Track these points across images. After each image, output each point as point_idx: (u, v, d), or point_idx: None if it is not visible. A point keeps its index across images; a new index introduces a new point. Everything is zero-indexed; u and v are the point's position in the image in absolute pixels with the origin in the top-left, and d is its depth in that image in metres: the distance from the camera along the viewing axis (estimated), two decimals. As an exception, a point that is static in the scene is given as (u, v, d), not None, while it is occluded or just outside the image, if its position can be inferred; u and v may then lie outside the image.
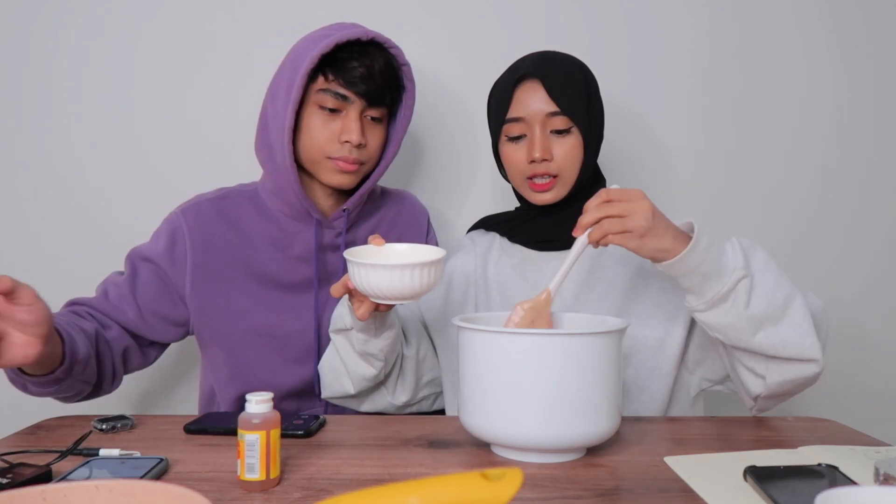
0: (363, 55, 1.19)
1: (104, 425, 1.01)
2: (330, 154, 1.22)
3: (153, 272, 1.25)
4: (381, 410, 1.25)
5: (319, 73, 1.20)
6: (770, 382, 1.04)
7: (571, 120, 1.16)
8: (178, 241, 1.26)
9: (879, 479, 0.75)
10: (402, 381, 1.23)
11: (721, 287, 0.98)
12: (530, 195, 1.21)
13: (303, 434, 0.97)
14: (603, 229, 0.96)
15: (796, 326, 1.00)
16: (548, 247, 1.25)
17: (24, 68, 1.58)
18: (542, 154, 1.16)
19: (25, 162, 1.59)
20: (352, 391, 1.19)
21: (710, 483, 0.81)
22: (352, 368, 1.16)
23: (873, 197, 1.65)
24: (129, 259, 1.28)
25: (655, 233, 0.96)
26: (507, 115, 1.19)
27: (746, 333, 1.00)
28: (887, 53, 1.63)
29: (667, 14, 1.61)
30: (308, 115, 1.22)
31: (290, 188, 1.24)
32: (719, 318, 1.00)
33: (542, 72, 1.17)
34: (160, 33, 1.58)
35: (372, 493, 0.54)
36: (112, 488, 0.58)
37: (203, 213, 1.29)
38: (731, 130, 1.63)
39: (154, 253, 1.26)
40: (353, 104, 1.21)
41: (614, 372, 0.91)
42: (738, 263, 0.99)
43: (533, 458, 0.90)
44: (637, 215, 0.96)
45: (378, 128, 1.26)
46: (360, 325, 1.09)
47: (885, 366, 1.66)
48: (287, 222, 1.29)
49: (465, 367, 0.94)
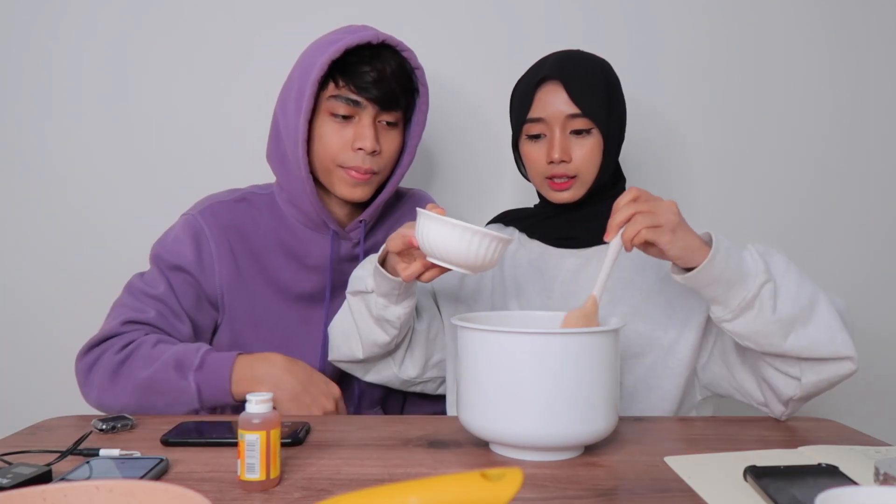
0: (374, 58, 1.16)
1: (104, 425, 1.01)
2: (343, 163, 1.19)
3: (186, 282, 1.21)
4: (385, 382, 1.25)
5: (330, 80, 1.17)
6: (805, 383, 1.03)
7: (592, 121, 1.17)
8: (203, 246, 1.22)
9: (879, 479, 0.75)
10: (410, 354, 1.23)
11: (746, 293, 0.97)
12: (549, 193, 1.21)
13: (290, 442, 0.95)
14: (637, 225, 0.95)
15: (826, 325, 0.99)
16: (565, 244, 1.25)
17: (22, 67, 1.58)
18: (561, 155, 1.16)
19: (24, 162, 1.59)
20: (360, 356, 1.18)
21: (710, 483, 0.81)
22: (364, 332, 1.16)
23: (873, 197, 1.65)
24: (158, 269, 1.21)
25: (683, 229, 0.96)
26: (528, 115, 1.19)
27: (777, 338, 0.99)
28: (887, 53, 1.63)
29: (666, 14, 1.61)
30: (320, 123, 1.19)
31: (305, 199, 1.22)
32: (748, 325, 0.99)
33: (564, 73, 1.17)
34: (159, 33, 1.58)
35: (372, 493, 0.54)
36: (112, 488, 0.58)
37: (221, 216, 1.25)
38: (730, 130, 1.63)
39: (184, 260, 1.21)
40: (366, 110, 1.18)
41: (612, 370, 0.91)
42: (759, 268, 0.98)
43: (531, 457, 0.90)
44: (666, 210, 0.96)
45: (393, 133, 1.23)
46: (382, 290, 1.09)
47: (884, 366, 1.66)
48: (303, 231, 1.27)
49: (463, 366, 0.94)
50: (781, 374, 1.05)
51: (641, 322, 1.19)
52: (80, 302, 1.58)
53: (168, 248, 1.22)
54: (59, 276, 1.59)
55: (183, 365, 1.12)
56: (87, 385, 1.16)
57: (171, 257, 1.21)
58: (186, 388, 1.11)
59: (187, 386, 1.11)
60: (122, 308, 1.19)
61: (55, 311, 1.59)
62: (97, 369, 1.15)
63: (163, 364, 1.11)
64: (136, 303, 1.19)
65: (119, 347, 1.14)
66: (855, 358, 1.00)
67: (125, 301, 1.21)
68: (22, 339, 1.60)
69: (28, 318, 1.60)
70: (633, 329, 1.19)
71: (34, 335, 1.60)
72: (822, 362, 1.01)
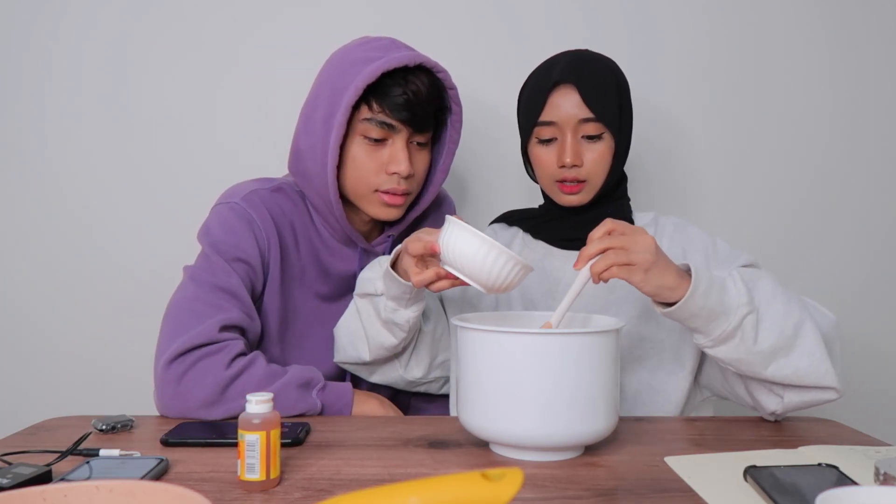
0: (409, 80, 1.13)
1: (104, 425, 1.01)
2: (378, 187, 1.17)
3: (248, 274, 1.16)
4: (390, 383, 1.25)
5: (362, 102, 1.14)
6: (787, 402, 1.04)
7: (604, 126, 1.16)
8: (258, 236, 1.17)
9: (879, 479, 0.75)
10: (416, 356, 1.23)
11: (727, 325, 0.96)
12: (558, 196, 1.21)
13: (290, 443, 0.95)
14: (608, 261, 0.93)
15: (809, 354, 0.99)
16: (571, 245, 1.25)
17: (21, 68, 1.58)
18: (573, 160, 1.15)
19: (22, 163, 1.58)
20: (367, 358, 1.18)
21: (710, 483, 0.81)
22: (372, 335, 1.16)
23: (873, 197, 1.65)
24: (224, 260, 1.15)
25: (659, 268, 0.94)
26: (540, 118, 1.18)
27: (758, 367, 0.99)
28: (887, 53, 1.63)
29: (667, 14, 1.61)
30: (351, 145, 1.16)
31: (333, 219, 1.21)
32: (729, 353, 0.99)
33: (577, 77, 1.16)
34: (158, 33, 1.58)
35: (372, 493, 0.54)
36: (112, 488, 0.58)
37: (264, 205, 1.19)
38: (730, 130, 1.63)
39: (244, 253, 1.16)
40: (400, 133, 1.16)
41: (612, 370, 0.91)
42: (741, 300, 0.96)
43: (531, 457, 0.90)
44: (640, 248, 0.93)
45: (424, 153, 1.21)
46: (392, 293, 1.08)
47: (884, 366, 1.66)
48: (330, 239, 1.26)
49: (463, 366, 0.94)
50: (765, 389, 1.05)
51: (646, 324, 1.19)
52: (80, 302, 1.59)
53: (227, 239, 1.16)
54: (59, 276, 1.59)
55: (310, 383, 1.13)
56: (178, 395, 1.06)
57: (233, 250, 1.15)
58: (313, 406, 1.11)
59: (313, 403, 1.12)
60: (200, 304, 1.11)
61: (55, 312, 1.59)
62: (196, 378, 1.06)
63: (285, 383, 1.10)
64: (214, 299, 1.12)
65: (227, 361, 1.07)
66: (838, 388, 1.00)
67: (197, 295, 1.12)
68: (22, 339, 1.60)
69: (28, 318, 1.59)
70: (637, 331, 1.19)
71: (34, 335, 1.59)
72: (804, 389, 1.01)
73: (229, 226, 1.16)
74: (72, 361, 1.59)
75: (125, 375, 1.55)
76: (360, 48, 1.18)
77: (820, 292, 1.18)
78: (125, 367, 1.56)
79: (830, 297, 1.37)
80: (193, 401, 1.06)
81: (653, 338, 1.18)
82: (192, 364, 1.07)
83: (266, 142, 1.58)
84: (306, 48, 1.55)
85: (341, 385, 1.18)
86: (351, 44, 1.22)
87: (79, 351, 1.59)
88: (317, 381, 1.15)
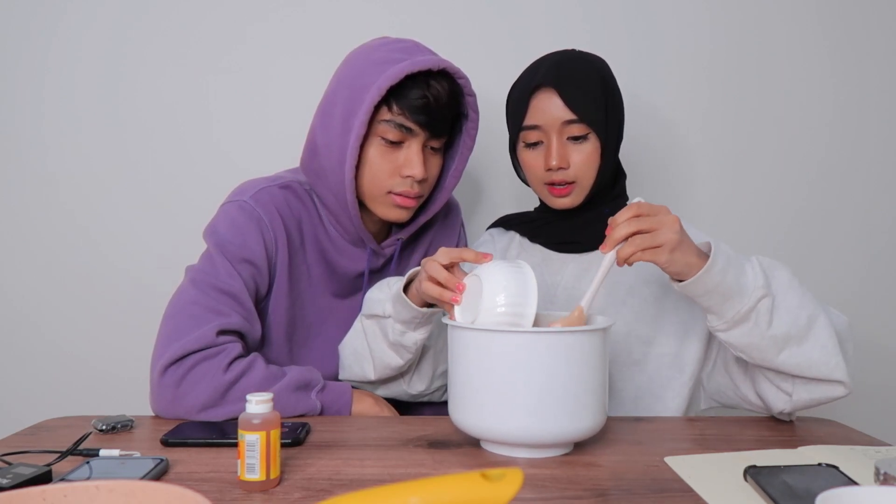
0: (429, 84, 1.13)
1: (104, 425, 1.01)
2: (391, 189, 1.17)
3: (253, 276, 1.16)
4: (394, 396, 1.25)
5: (382, 103, 1.13)
6: (797, 400, 1.03)
7: (589, 127, 1.16)
8: (266, 237, 1.16)
9: (879, 479, 0.75)
10: (419, 371, 1.22)
11: (741, 307, 0.96)
12: (549, 199, 1.21)
13: (290, 443, 0.95)
14: (635, 245, 0.93)
15: (821, 346, 0.99)
16: (567, 248, 1.25)
17: (18, 69, 1.58)
18: (559, 162, 1.15)
19: (21, 163, 1.58)
20: (372, 377, 1.18)
21: (710, 483, 0.81)
22: (378, 356, 1.16)
23: (873, 197, 1.65)
24: (228, 261, 1.13)
25: (684, 246, 0.94)
26: (524, 123, 1.18)
27: (770, 353, 0.99)
28: (887, 53, 1.63)
29: (667, 14, 1.61)
30: (367, 146, 1.15)
31: (347, 219, 1.21)
32: (741, 337, 0.99)
33: (558, 80, 1.15)
34: (155, 33, 1.58)
35: (372, 493, 0.54)
36: (112, 488, 0.58)
37: (273, 203, 1.18)
38: (730, 130, 1.63)
39: (251, 253, 1.15)
40: (417, 136, 1.15)
41: (600, 369, 0.92)
42: (758, 283, 0.96)
43: (522, 454, 0.91)
44: (667, 229, 0.93)
45: (437, 157, 1.21)
46: (402, 317, 1.08)
47: (884, 366, 1.66)
48: (338, 239, 1.26)
49: (454, 365, 0.95)
50: (774, 388, 1.05)
51: (644, 327, 1.19)
52: (80, 302, 1.59)
53: (234, 240, 1.14)
54: (58, 276, 1.59)
55: (309, 384, 1.13)
56: (177, 399, 1.06)
57: (240, 251, 1.14)
58: (313, 407, 1.12)
59: (313, 404, 1.12)
60: (199, 308, 1.10)
61: (55, 312, 1.59)
62: (193, 383, 1.06)
63: (284, 385, 1.10)
64: (214, 302, 1.10)
65: (224, 365, 1.07)
66: (847, 383, 1.00)
67: (196, 298, 1.11)
68: (22, 339, 1.60)
69: (28, 318, 1.59)
70: (634, 334, 1.19)
71: (34, 335, 1.60)
72: (814, 382, 1.01)
73: (237, 225, 1.15)
74: (72, 361, 1.59)
75: (125, 375, 1.55)
76: (382, 49, 1.17)
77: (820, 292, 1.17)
78: (125, 368, 1.56)
79: (830, 298, 1.37)
80: (192, 405, 1.06)
81: (650, 341, 1.18)
82: (190, 368, 1.06)
83: (263, 142, 1.58)
84: (304, 49, 1.55)
85: (340, 385, 1.18)
86: (371, 43, 1.21)
87: (79, 351, 1.59)
88: (316, 381, 1.15)
